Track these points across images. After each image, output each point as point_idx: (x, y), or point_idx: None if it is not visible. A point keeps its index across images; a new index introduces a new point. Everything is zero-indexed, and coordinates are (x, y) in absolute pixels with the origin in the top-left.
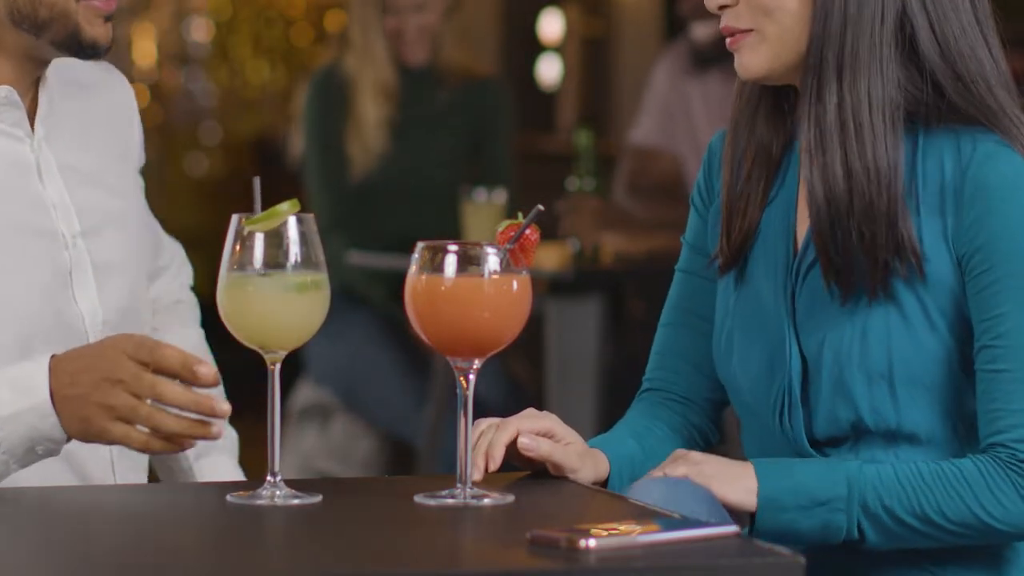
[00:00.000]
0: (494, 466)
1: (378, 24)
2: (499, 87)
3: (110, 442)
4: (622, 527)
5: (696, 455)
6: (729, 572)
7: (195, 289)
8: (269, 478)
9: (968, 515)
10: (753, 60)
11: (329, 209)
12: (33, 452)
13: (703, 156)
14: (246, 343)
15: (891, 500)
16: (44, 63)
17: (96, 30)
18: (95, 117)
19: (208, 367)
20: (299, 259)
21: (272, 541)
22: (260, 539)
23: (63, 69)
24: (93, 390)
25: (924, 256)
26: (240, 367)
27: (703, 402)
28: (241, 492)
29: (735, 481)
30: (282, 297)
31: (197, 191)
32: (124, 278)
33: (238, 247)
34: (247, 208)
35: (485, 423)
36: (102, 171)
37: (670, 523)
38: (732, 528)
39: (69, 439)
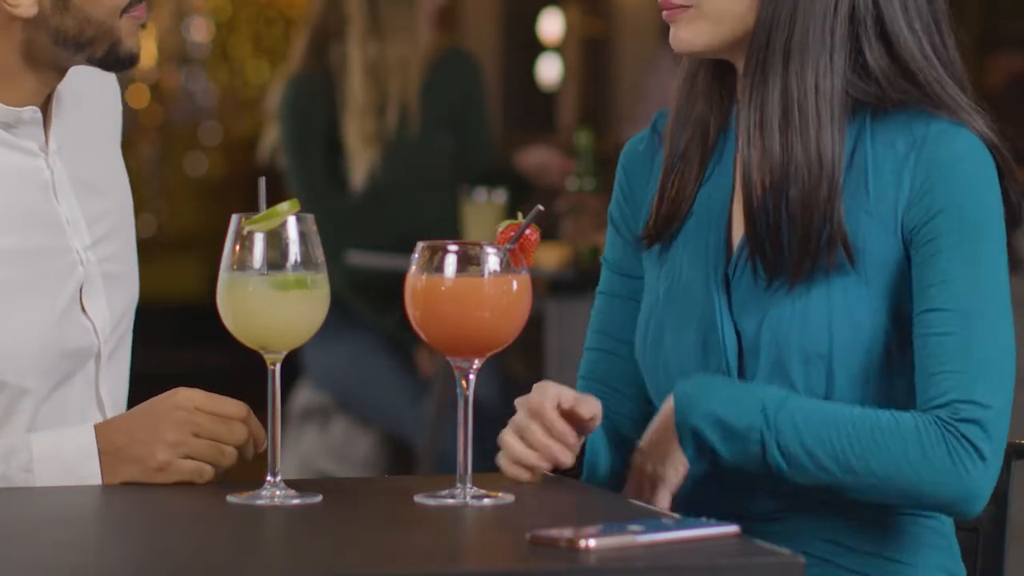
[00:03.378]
0: (573, 439)
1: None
2: (472, 57)
3: (176, 478)
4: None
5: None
6: (729, 572)
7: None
8: (269, 478)
9: (894, 470)
10: (689, 34)
11: (336, 220)
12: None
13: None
14: (246, 343)
15: (813, 442)
16: (64, 73)
17: (133, 41)
18: (92, 119)
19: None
20: (299, 259)
21: (272, 541)
22: (260, 539)
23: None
24: (155, 435)
25: (859, 248)
26: (240, 367)
27: (631, 425)
28: (241, 492)
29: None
30: (282, 297)
31: (197, 191)
32: (125, 280)
33: (238, 247)
34: (247, 208)
35: (523, 411)
36: (103, 176)
37: (670, 523)
38: (732, 528)
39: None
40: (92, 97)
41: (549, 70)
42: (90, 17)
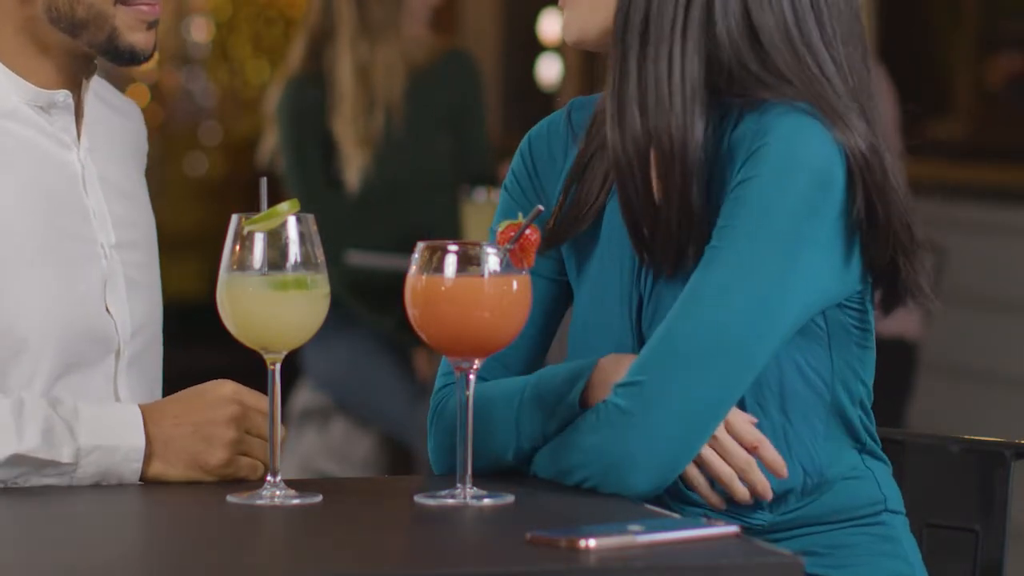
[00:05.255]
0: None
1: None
2: (470, 58)
3: (231, 475)
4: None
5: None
6: (729, 572)
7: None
8: (269, 478)
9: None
10: (569, 22)
11: (335, 222)
12: (97, 485)
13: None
14: (246, 343)
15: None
16: (87, 65)
17: (135, 36)
18: (123, 139)
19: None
20: (299, 259)
21: (272, 541)
22: (260, 539)
23: (94, 84)
24: (213, 433)
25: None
26: (240, 367)
27: None
28: (241, 492)
29: None
30: (282, 297)
31: (197, 191)
32: (147, 297)
33: (238, 247)
34: (247, 208)
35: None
36: (130, 189)
37: (670, 523)
38: (732, 528)
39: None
40: (124, 119)
41: (549, 70)
42: None
